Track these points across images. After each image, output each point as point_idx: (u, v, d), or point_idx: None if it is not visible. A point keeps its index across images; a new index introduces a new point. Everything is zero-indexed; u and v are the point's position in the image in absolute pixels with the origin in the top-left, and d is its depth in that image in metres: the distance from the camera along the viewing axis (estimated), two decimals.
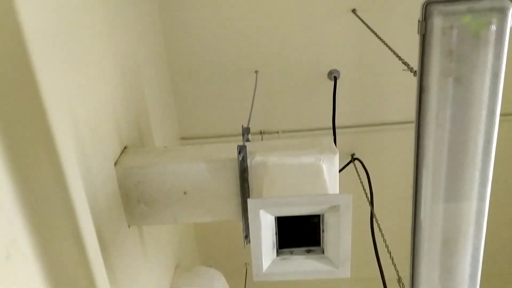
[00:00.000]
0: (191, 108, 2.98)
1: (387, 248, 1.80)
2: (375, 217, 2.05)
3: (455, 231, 0.81)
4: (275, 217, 1.27)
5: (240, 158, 1.49)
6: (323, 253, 1.32)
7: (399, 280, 1.60)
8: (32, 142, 0.91)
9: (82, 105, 1.33)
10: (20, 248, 0.84)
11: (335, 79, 2.76)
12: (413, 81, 0.74)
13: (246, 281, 3.50)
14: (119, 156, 1.59)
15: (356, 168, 2.80)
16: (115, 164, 1.54)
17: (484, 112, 0.66)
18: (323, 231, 1.30)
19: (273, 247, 1.32)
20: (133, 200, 1.57)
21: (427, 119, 0.72)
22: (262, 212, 1.22)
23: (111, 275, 1.39)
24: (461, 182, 0.75)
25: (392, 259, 1.71)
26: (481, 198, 0.76)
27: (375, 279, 2.23)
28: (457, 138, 0.70)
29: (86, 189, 1.21)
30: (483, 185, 0.75)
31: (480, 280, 0.82)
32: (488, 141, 0.70)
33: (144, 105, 2.11)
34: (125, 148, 1.67)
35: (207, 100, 2.97)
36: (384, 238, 1.87)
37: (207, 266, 2.67)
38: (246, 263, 3.62)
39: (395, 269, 1.67)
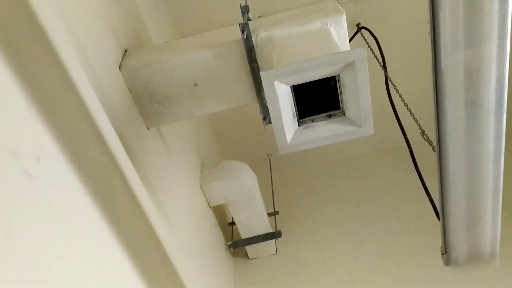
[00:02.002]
0: (184, 4, 2.83)
1: (406, 106, 1.79)
2: (390, 80, 2.02)
3: (478, 65, 0.79)
4: (290, 87, 1.25)
5: (245, 37, 1.43)
6: (344, 114, 1.31)
7: (422, 132, 1.60)
8: (34, 51, 0.87)
9: (73, 12, 1.27)
10: (48, 150, 0.84)
11: None
12: None
13: (271, 171, 3.59)
14: (121, 60, 1.55)
15: (364, 38, 2.70)
16: (120, 67, 1.50)
17: None
18: (341, 92, 1.28)
19: (294, 118, 1.31)
20: (146, 101, 1.56)
21: None
22: (276, 83, 1.19)
23: (140, 172, 1.42)
24: (484, 15, 0.72)
25: (413, 115, 1.71)
26: (503, 25, 0.73)
27: (397, 147, 2.27)
28: None
29: (96, 95, 1.19)
30: (503, 16, 0.73)
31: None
32: None
33: (135, 7, 2.01)
34: (125, 51, 1.62)
35: None
36: (402, 97, 1.85)
37: None
38: (268, 154, 3.68)
39: (417, 123, 1.67)
